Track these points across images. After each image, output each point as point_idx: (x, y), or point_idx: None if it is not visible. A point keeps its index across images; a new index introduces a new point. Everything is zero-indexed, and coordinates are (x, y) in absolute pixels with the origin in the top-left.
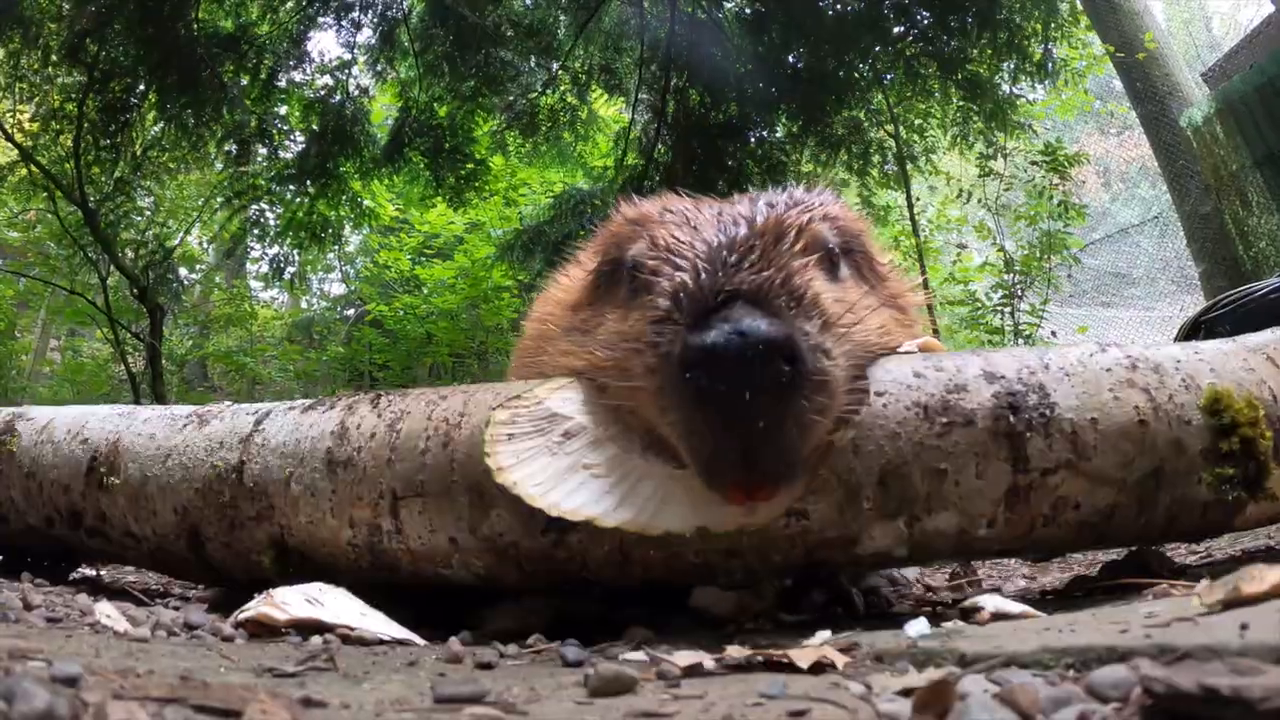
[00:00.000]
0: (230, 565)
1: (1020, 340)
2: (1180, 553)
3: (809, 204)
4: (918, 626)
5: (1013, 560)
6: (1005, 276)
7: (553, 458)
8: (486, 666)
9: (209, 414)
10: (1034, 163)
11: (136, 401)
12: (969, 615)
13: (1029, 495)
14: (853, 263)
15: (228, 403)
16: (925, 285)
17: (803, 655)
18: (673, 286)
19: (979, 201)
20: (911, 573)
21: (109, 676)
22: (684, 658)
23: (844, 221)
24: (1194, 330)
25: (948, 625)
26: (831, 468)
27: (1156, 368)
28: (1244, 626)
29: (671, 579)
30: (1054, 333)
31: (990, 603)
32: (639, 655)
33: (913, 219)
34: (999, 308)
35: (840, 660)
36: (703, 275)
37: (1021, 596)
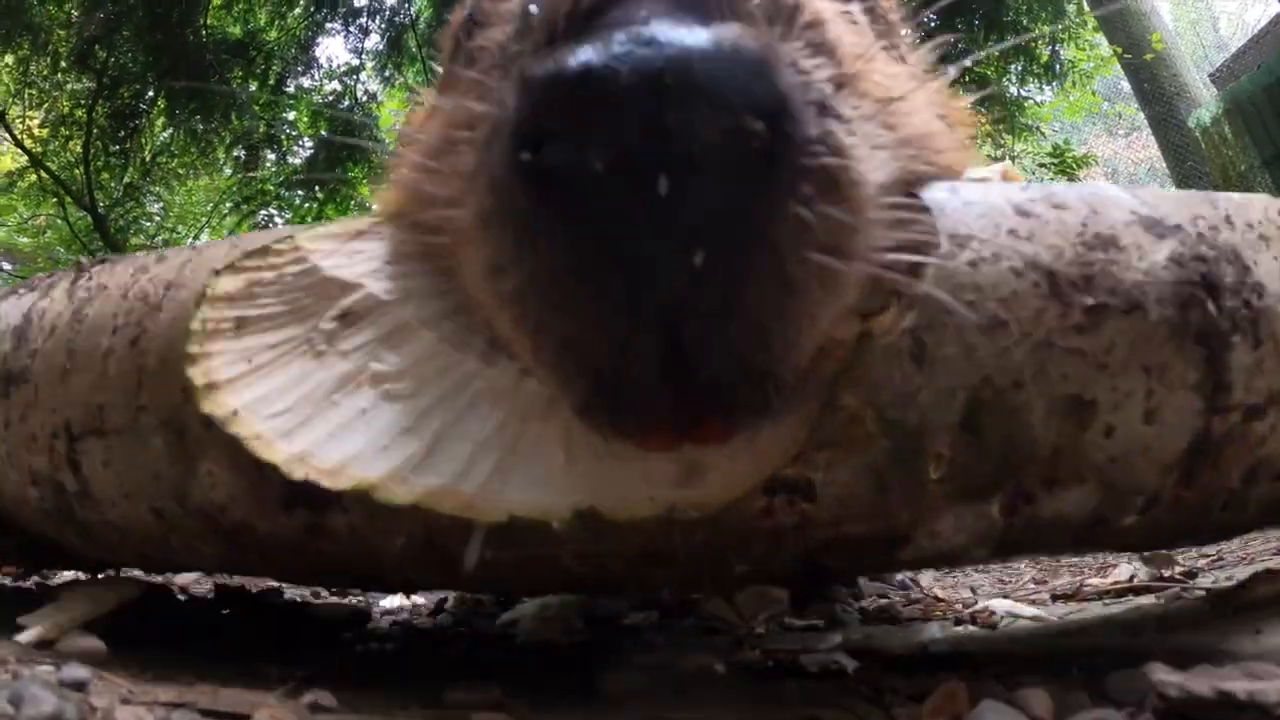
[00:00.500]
0: None
1: None
2: (1190, 555)
3: None
4: (929, 631)
5: (1023, 563)
6: None
7: (315, 363)
8: None
9: None
10: (1042, 165)
11: None
12: (980, 619)
13: (1221, 453)
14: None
15: None
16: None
17: (813, 660)
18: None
19: None
20: (925, 578)
21: (118, 681)
22: (693, 661)
23: None
24: None
25: (959, 630)
26: (868, 394)
27: None
28: (1258, 631)
29: (533, 591)
30: None
31: (1002, 607)
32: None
33: None
34: None
35: (851, 665)
36: None
37: (1031, 600)
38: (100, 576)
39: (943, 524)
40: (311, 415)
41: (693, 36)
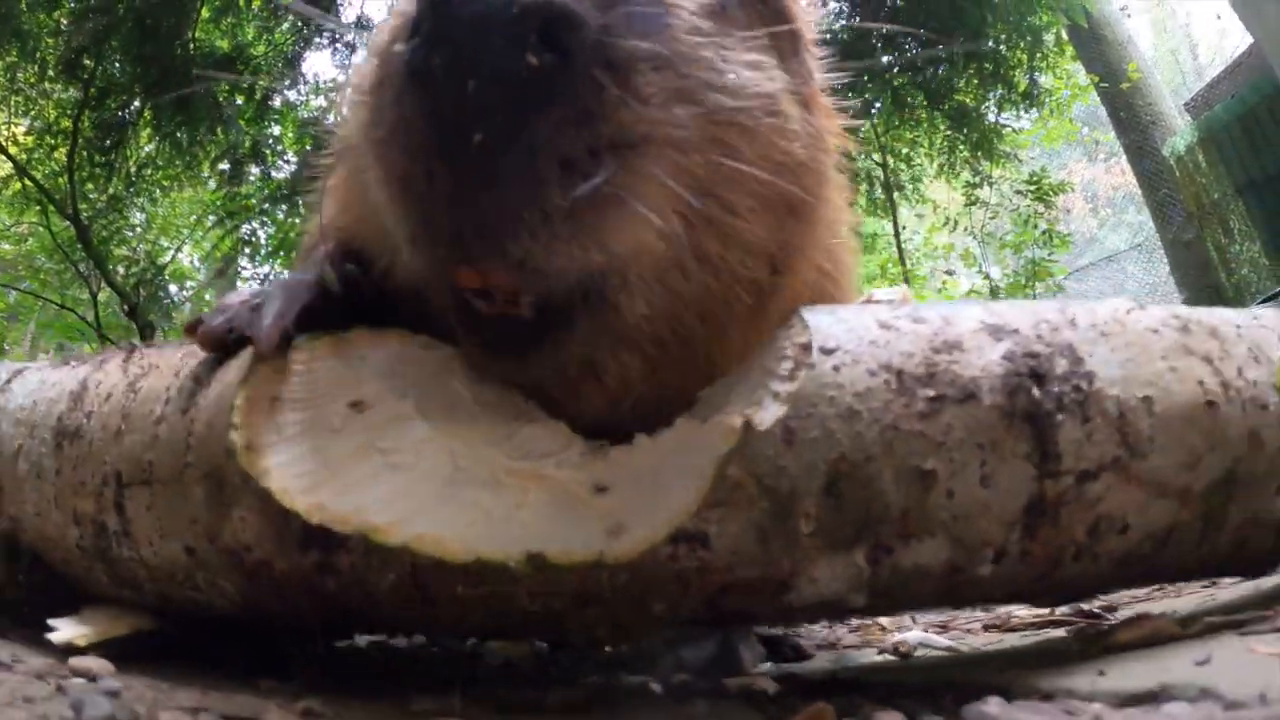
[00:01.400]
0: None
1: None
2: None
3: None
4: (844, 659)
5: None
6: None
7: (331, 437)
8: None
9: None
10: (1019, 191)
11: None
12: (901, 649)
13: (1059, 512)
14: (761, 16)
15: (6, 362)
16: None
17: (737, 683)
18: None
19: (965, 229)
20: None
21: (144, 690)
22: (634, 681)
23: None
24: None
25: (878, 659)
26: (749, 467)
27: (1214, 331)
28: (1101, 673)
29: (500, 630)
30: None
31: (916, 638)
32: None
33: (899, 246)
34: None
35: (772, 688)
36: None
37: (967, 629)
38: None
39: (819, 571)
40: (328, 476)
41: None
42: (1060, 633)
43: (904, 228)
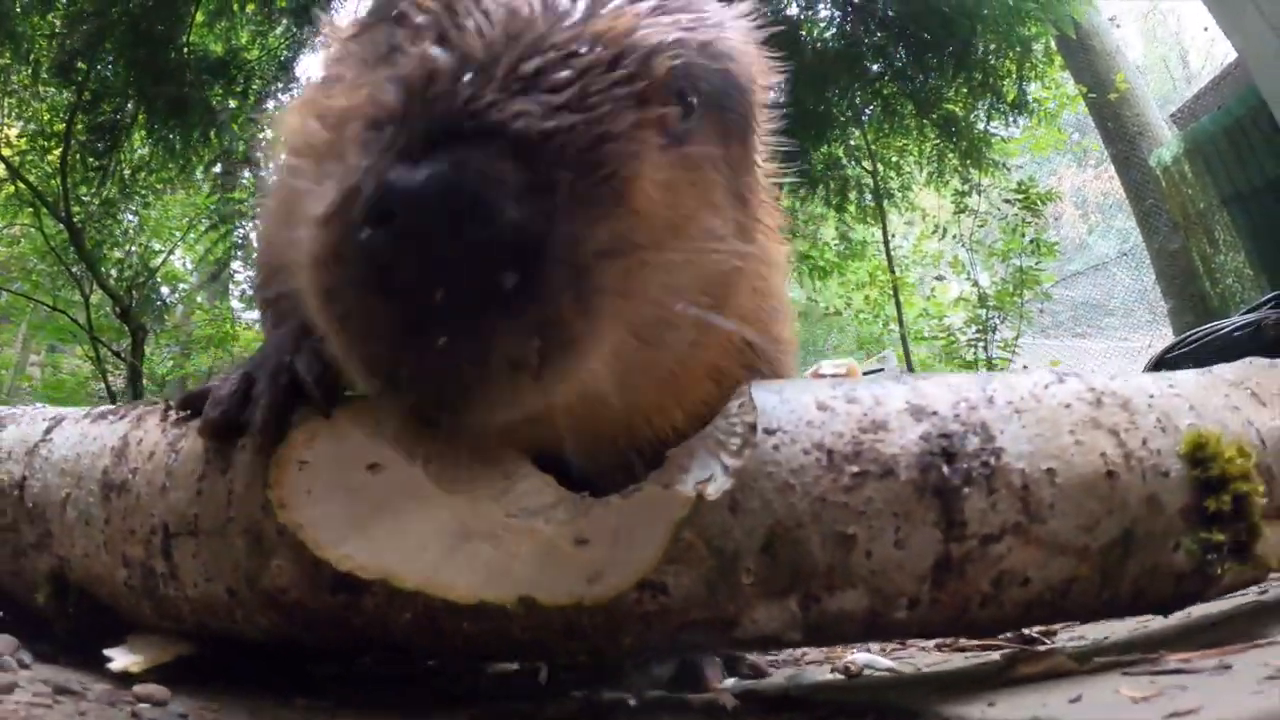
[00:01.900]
0: (24, 596)
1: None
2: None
3: (696, 17)
4: (799, 678)
5: None
6: (979, 311)
7: (355, 495)
8: None
9: (7, 418)
10: (1007, 200)
11: None
12: (851, 669)
13: (964, 569)
14: (721, 129)
15: (38, 405)
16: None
17: (700, 699)
18: (395, 89)
19: (954, 238)
20: None
21: (202, 713)
22: (615, 696)
23: (737, 65)
24: (1158, 368)
25: (829, 678)
26: (699, 531)
27: (1125, 404)
28: (991, 704)
29: (498, 656)
30: (1025, 366)
31: (863, 659)
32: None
33: (889, 254)
34: (973, 342)
35: (731, 704)
36: (435, 83)
37: (922, 647)
38: None
39: (759, 614)
40: (354, 531)
41: (463, 175)
42: (997, 656)
43: (893, 235)
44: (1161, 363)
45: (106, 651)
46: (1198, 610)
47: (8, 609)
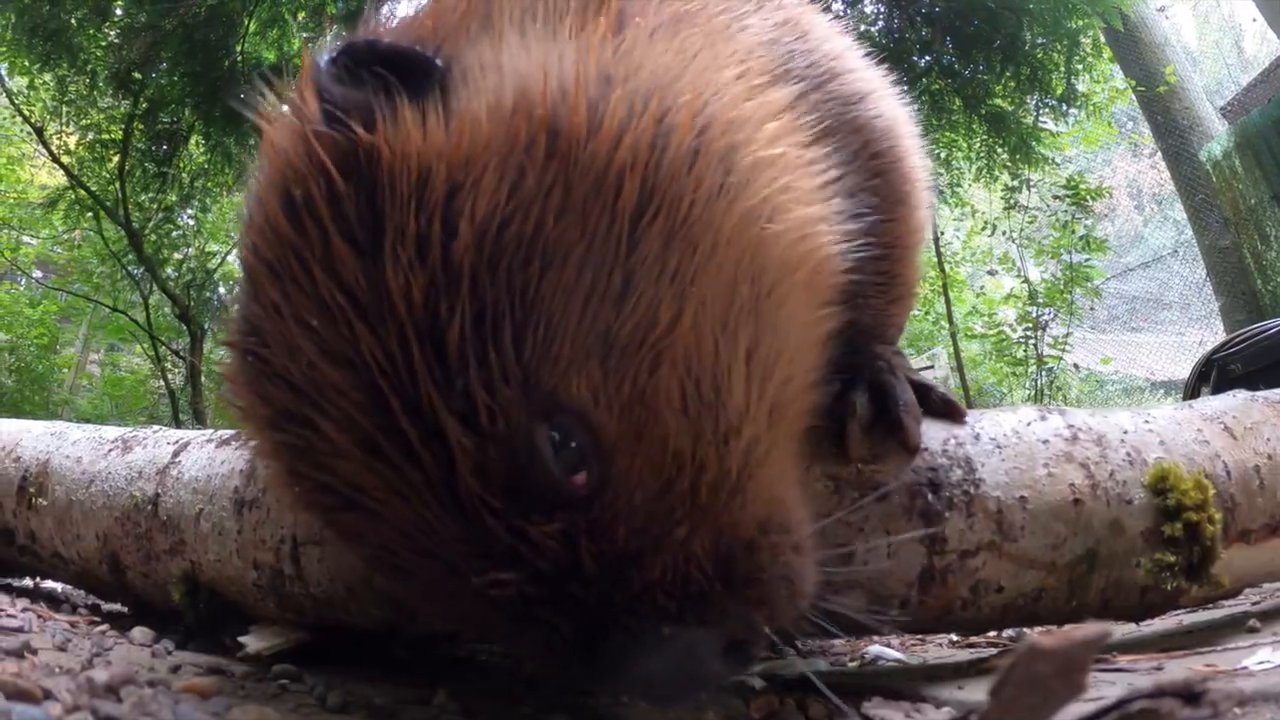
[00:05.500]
0: (150, 593)
1: (1042, 371)
2: None
3: None
4: (816, 664)
5: None
6: (1029, 308)
7: None
8: None
9: (133, 440)
10: (1056, 197)
11: (176, 417)
12: (865, 659)
13: (946, 577)
14: None
15: (156, 428)
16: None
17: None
18: None
19: (1004, 234)
20: None
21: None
22: None
23: None
24: (1206, 368)
25: (846, 665)
26: None
27: (1100, 439)
28: (960, 687)
29: None
30: (1076, 365)
31: (874, 650)
32: None
33: (939, 251)
34: (1024, 339)
35: (759, 684)
36: None
37: (939, 643)
38: None
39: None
40: None
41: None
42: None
43: (942, 232)
44: (1209, 363)
45: (241, 638)
46: (1190, 618)
47: (133, 606)
